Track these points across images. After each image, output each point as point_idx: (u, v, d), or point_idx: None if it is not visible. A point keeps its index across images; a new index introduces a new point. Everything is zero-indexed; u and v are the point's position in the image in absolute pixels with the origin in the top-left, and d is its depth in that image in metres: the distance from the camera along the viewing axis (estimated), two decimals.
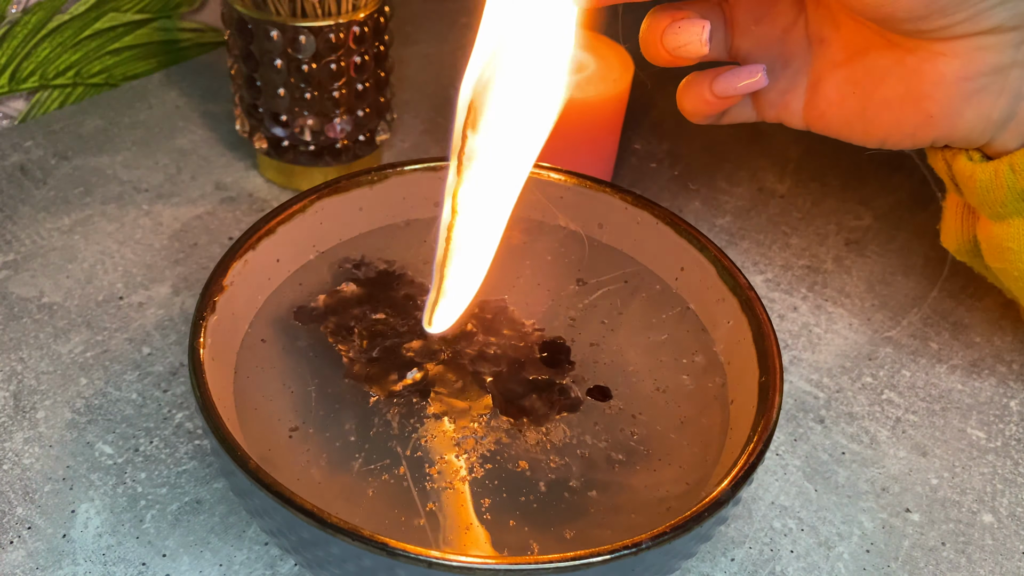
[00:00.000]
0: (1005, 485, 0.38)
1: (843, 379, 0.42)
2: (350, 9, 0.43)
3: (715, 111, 0.37)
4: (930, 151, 0.36)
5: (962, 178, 0.35)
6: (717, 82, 0.36)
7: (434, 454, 0.31)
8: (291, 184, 0.48)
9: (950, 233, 0.39)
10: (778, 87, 0.37)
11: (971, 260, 0.39)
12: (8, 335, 0.40)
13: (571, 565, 0.25)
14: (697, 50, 0.34)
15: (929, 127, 0.34)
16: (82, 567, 0.33)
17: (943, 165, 0.36)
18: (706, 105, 0.36)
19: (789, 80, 0.36)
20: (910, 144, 0.35)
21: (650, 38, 0.35)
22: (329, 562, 0.27)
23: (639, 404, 0.33)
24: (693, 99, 0.37)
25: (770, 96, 0.37)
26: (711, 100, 0.36)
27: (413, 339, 0.34)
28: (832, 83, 0.35)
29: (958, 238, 0.39)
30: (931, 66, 0.32)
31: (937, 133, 0.34)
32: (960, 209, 0.38)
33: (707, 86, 0.36)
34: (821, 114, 0.36)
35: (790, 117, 0.37)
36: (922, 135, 0.34)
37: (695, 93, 0.36)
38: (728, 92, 0.35)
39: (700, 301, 0.36)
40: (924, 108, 0.33)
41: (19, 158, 0.49)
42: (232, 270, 0.33)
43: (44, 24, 0.50)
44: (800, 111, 0.36)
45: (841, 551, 0.35)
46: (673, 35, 0.34)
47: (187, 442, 0.37)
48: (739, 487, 0.28)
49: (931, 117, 0.33)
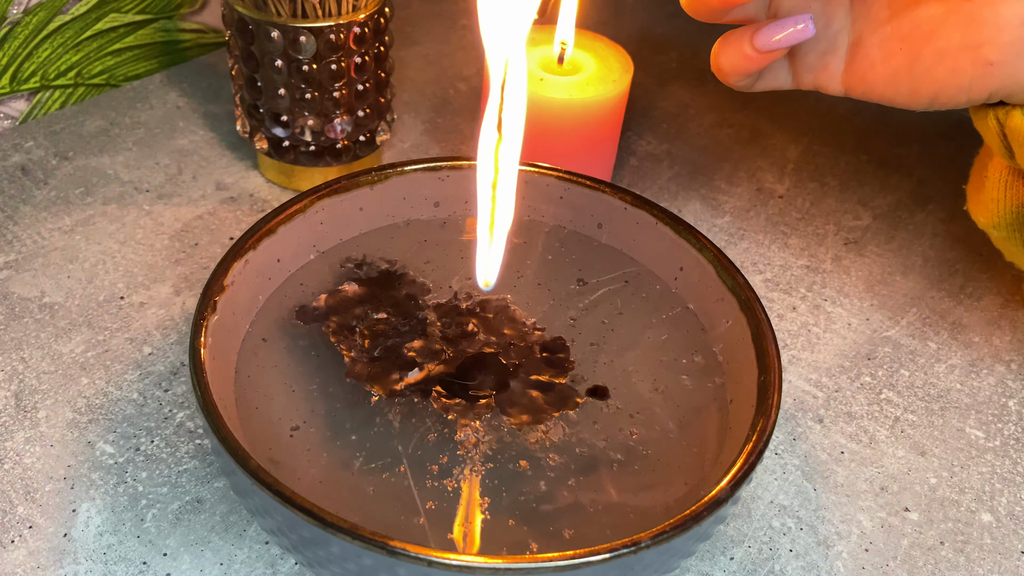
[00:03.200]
0: (1004, 484, 0.38)
1: (842, 379, 0.42)
2: (350, 10, 0.43)
3: (755, 68, 0.35)
4: (978, 111, 0.35)
5: (1017, 137, 0.33)
6: (759, 35, 0.34)
7: (435, 453, 0.31)
8: (292, 184, 0.48)
9: (990, 204, 0.37)
10: (818, 49, 0.35)
11: (1009, 234, 0.38)
12: (9, 335, 0.40)
13: (570, 564, 0.25)
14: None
15: (988, 77, 0.32)
16: (83, 566, 0.33)
17: (994, 124, 0.34)
18: (746, 61, 0.34)
19: (830, 41, 0.35)
20: (964, 99, 0.33)
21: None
22: (329, 561, 0.27)
23: (638, 403, 0.33)
24: (731, 55, 0.35)
25: (809, 59, 0.35)
26: (752, 55, 0.34)
27: (414, 339, 0.34)
28: (875, 42, 0.34)
29: (1000, 209, 0.37)
30: (991, 11, 0.31)
31: (996, 84, 0.32)
32: (1005, 175, 0.36)
33: (747, 40, 0.34)
34: (863, 76, 0.34)
35: (828, 81, 0.35)
36: (979, 87, 0.32)
37: (734, 49, 0.35)
38: (771, 45, 0.34)
39: (699, 301, 0.36)
40: (983, 56, 0.31)
41: (20, 158, 0.49)
42: (233, 270, 0.33)
43: (45, 25, 0.50)
44: (839, 74, 0.35)
45: (840, 550, 0.35)
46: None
47: (188, 441, 0.37)
48: (738, 486, 0.28)
49: (991, 66, 0.32)
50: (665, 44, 0.62)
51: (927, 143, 0.55)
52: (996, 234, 0.39)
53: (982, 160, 0.38)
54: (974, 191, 0.39)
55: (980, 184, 0.38)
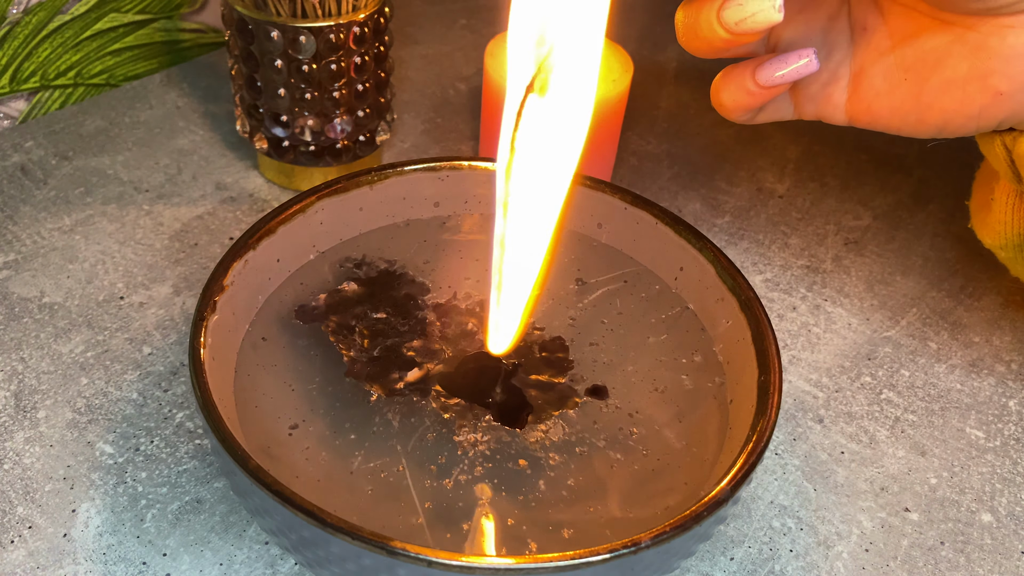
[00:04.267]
0: (1004, 484, 0.38)
1: (842, 379, 0.42)
2: (350, 10, 0.43)
3: (757, 103, 0.34)
4: (984, 137, 0.34)
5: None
6: (761, 70, 0.33)
7: (434, 453, 0.31)
8: (291, 184, 0.48)
9: (996, 226, 0.37)
10: (820, 80, 0.34)
11: (1017, 255, 0.37)
12: (9, 335, 0.40)
13: (570, 564, 0.25)
14: (769, 17, 0.30)
15: (998, 106, 0.31)
16: (83, 566, 0.33)
17: (1001, 150, 0.33)
18: (748, 97, 0.34)
19: (832, 72, 0.34)
20: (974, 128, 0.32)
21: (701, 19, 0.32)
22: (329, 561, 0.27)
23: (638, 403, 0.33)
24: (733, 91, 0.34)
25: (811, 90, 0.35)
26: (754, 91, 0.33)
27: (414, 338, 0.34)
28: (878, 72, 0.33)
29: (1007, 231, 0.36)
30: (998, 40, 0.30)
31: (1007, 112, 0.32)
32: (1012, 199, 0.36)
33: (749, 76, 0.33)
34: (868, 107, 0.34)
35: (832, 112, 0.35)
36: (989, 116, 0.32)
37: (736, 84, 0.34)
38: (774, 80, 0.33)
39: (699, 301, 0.36)
40: (992, 85, 0.31)
41: (20, 158, 0.49)
42: (232, 270, 0.33)
43: (45, 24, 0.50)
44: (843, 105, 0.34)
45: (840, 550, 0.35)
46: (737, 6, 0.31)
47: (187, 441, 0.37)
48: (738, 486, 0.28)
49: (1001, 95, 0.31)
50: (665, 44, 0.62)
51: (928, 143, 0.55)
52: (1003, 254, 0.38)
53: (986, 178, 0.38)
54: (978, 209, 0.38)
55: (985, 204, 0.37)
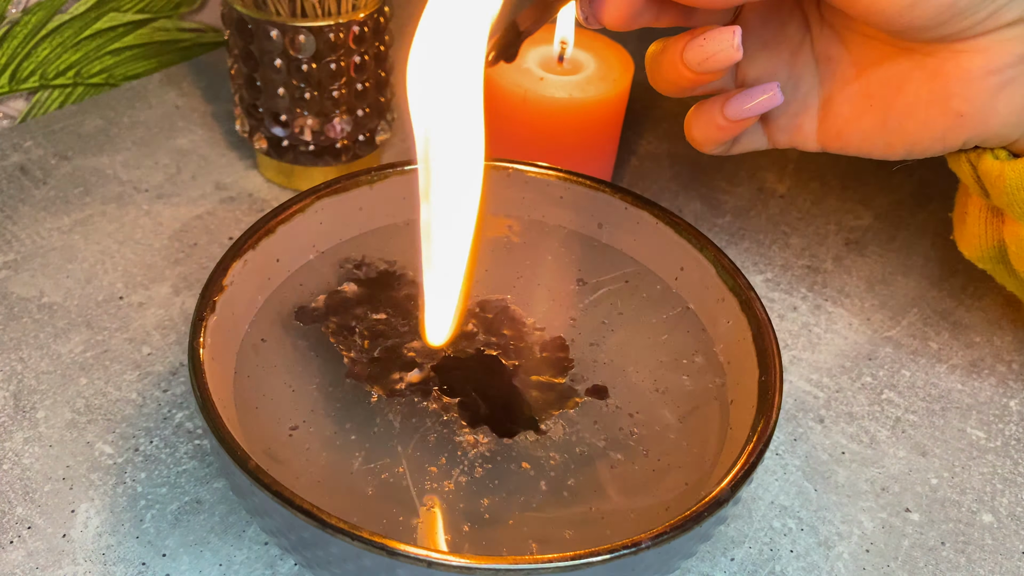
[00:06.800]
0: (1005, 485, 0.38)
1: (843, 379, 0.42)
2: (350, 9, 0.43)
3: (727, 137, 0.36)
4: (952, 156, 0.35)
5: (989, 178, 0.34)
6: (729, 105, 0.34)
7: (434, 453, 0.31)
8: (291, 184, 0.48)
9: (972, 240, 0.38)
10: (789, 111, 0.36)
11: (994, 267, 0.38)
12: (8, 335, 0.40)
13: (571, 565, 0.25)
14: (730, 56, 0.32)
15: (960, 127, 0.32)
16: (82, 567, 0.33)
17: (967, 168, 0.35)
18: (718, 131, 0.35)
19: (800, 103, 0.36)
20: (940, 149, 0.33)
21: (665, 62, 0.34)
22: (329, 562, 0.27)
23: (638, 403, 0.33)
24: (703, 126, 0.35)
25: (780, 121, 0.36)
26: (723, 125, 0.35)
27: (414, 339, 0.34)
28: (845, 99, 0.34)
29: (981, 244, 0.37)
30: (954, 64, 0.31)
31: (969, 133, 0.33)
32: (984, 213, 0.37)
33: (718, 111, 0.35)
34: (837, 133, 0.35)
35: (804, 140, 0.36)
36: (953, 137, 0.33)
37: (706, 120, 0.35)
38: (741, 114, 0.34)
39: (700, 301, 0.36)
40: (953, 108, 0.32)
41: (19, 158, 0.49)
42: (232, 270, 0.33)
43: (44, 24, 0.50)
44: (814, 133, 0.36)
45: (841, 551, 0.35)
46: (699, 48, 0.32)
47: (187, 442, 0.37)
48: (739, 487, 0.28)
49: (961, 116, 0.32)
50: None
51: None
52: (981, 266, 0.39)
53: (964, 193, 0.39)
54: (958, 223, 0.39)
55: (963, 218, 0.38)
